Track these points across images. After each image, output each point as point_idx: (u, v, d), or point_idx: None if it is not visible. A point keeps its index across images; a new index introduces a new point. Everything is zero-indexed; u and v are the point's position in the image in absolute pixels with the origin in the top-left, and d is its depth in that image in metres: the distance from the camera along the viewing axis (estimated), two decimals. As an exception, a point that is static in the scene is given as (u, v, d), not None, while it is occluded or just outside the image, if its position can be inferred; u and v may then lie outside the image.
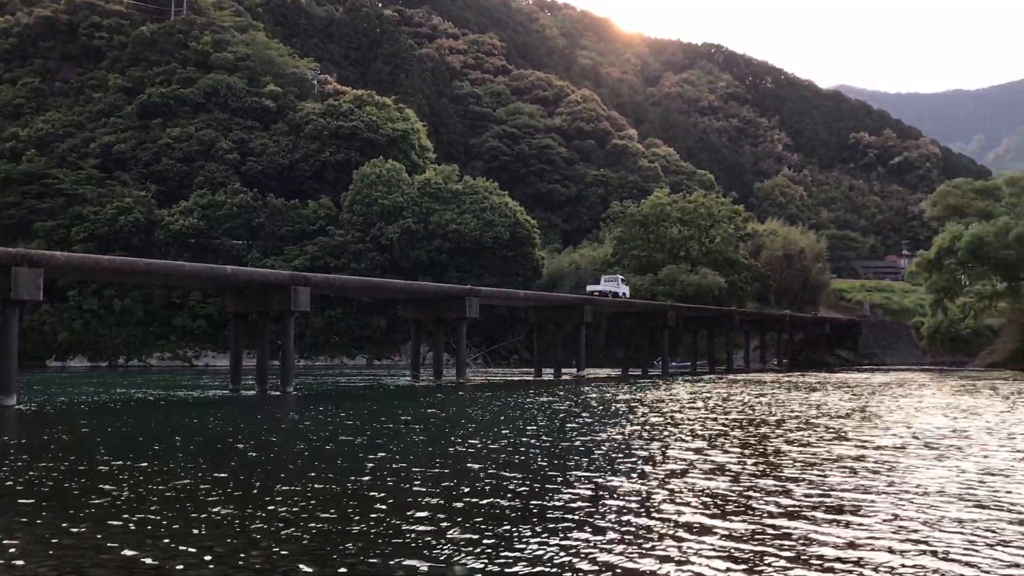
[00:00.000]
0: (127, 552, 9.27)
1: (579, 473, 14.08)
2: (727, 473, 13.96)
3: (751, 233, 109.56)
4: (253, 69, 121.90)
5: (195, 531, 10.25)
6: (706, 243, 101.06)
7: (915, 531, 9.80)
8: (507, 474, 14.24)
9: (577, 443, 18.83)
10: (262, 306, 43.42)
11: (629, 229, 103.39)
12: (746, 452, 16.82)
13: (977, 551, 8.88)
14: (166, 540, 9.81)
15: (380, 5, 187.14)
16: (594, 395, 38.51)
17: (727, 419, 24.81)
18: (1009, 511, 10.90)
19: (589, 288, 76.89)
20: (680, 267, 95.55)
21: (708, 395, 37.95)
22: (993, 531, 9.81)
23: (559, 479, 13.59)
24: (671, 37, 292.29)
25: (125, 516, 11.15)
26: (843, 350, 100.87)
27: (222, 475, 14.78)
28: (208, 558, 9.01)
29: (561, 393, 40.53)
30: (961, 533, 9.70)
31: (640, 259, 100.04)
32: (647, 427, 22.65)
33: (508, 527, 10.08)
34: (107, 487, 13.40)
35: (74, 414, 29.84)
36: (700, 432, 21.01)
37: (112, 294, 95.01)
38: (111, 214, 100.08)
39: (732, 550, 9.00)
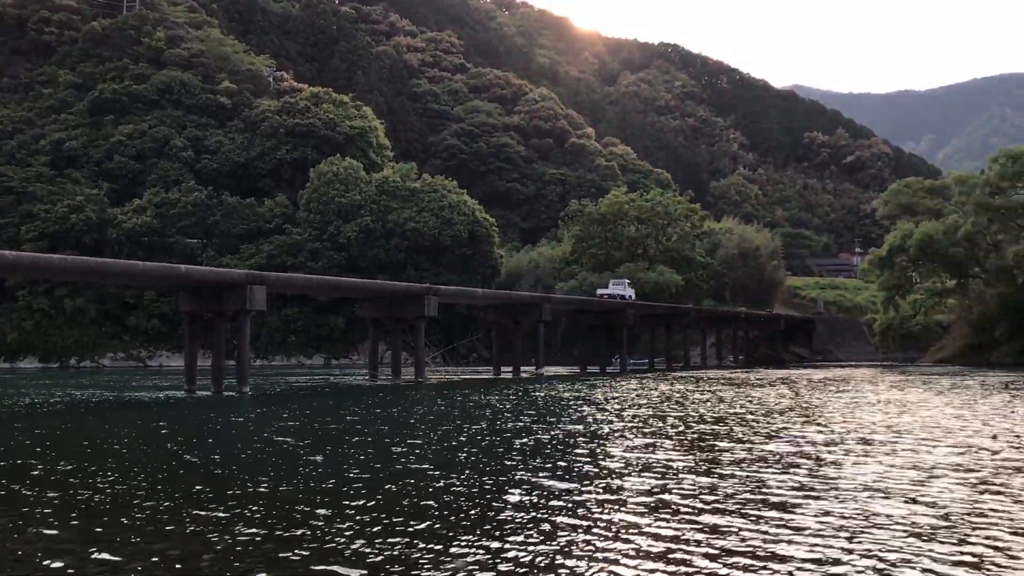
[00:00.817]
0: (39, 560, 9.02)
1: (513, 473, 14.07)
2: (659, 471, 14.02)
3: (707, 231, 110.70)
4: (208, 66, 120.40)
5: (117, 539, 9.99)
6: (663, 241, 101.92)
7: (839, 527, 9.86)
8: (439, 474, 14.23)
9: (516, 442, 18.89)
10: (217, 305, 42.94)
11: (587, 228, 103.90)
12: (681, 449, 16.95)
13: (898, 547, 8.96)
14: (82, 548, 9.52)
15: (337, 2, 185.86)
16: (542, 394, 38.65)
17: (670, 416, 25.03)
18: (930, 507, 11.08)
19: (599, 291, 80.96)
20: (637, 265, 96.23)
21: (656, 392, 38.30)
22: (912, 526, 9.93)
23: (491, 479, 13.60)
24: (628, 36, 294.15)
25: (49, 522, 10.91)
26: (797, 347, 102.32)
27: (155, 479, 14.63)
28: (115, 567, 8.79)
29: (515, 391, 40.65)
30: (883, 528, 9.78)
31: (598, 257, 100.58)
32: (588, 424, 22.79)
33: (434, 530, 10.01)
34: (33, 493, 13.14)
35: (16, 417, 29.29)
36: (639, 429, 21.18)
37: (63, 294, 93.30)
38: (62, 212, 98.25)
39: (656, 548, 9.00)
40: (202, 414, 29.89)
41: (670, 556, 8.71)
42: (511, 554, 8.93)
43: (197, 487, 13.47)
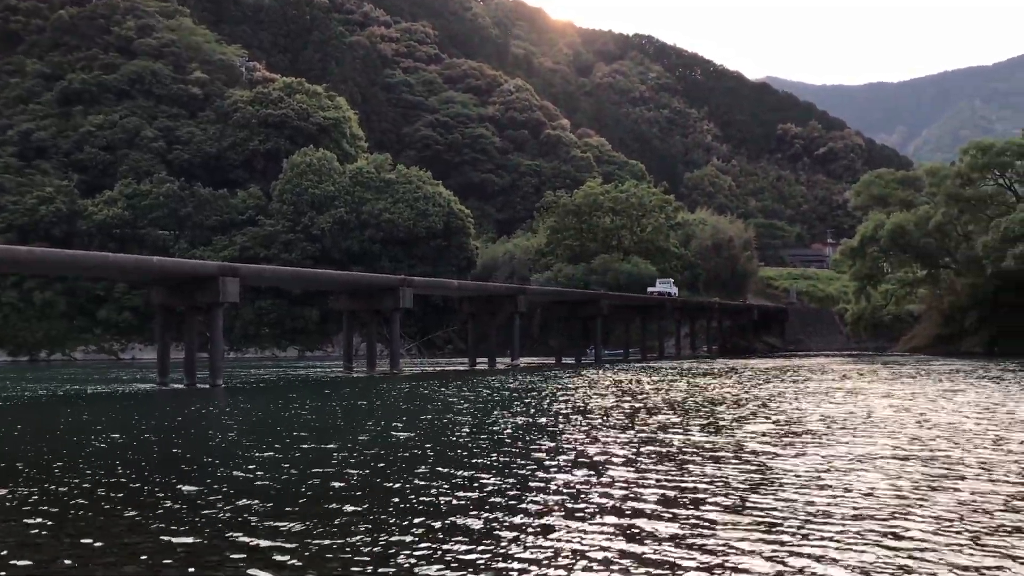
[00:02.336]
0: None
1: (459, 470, 13.94)
2: (600, 465, 13.90)
3: (681, 222, 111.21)
4: (179, 55, 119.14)
5: (67, 539, 9.84)
6: (637, 232, 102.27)
7: (768, 520, 9.80)
8: (384, 470, 14.16)
9: (467, 436, 18.82)
10: (190, 298, 42.58)
11: (562, 219, 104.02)
12: (632, 441, 16.84)
13: (831, 538, 8.90)
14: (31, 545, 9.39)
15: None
16: (513, 384, 38.66)
17: (629, 407, 25.04)
18: (866, 496, 11.05)
19: (649, 289, 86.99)
20: (612, 256, 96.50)
21: (623, 382, 38.45)
22: (839, 517, 9.89)
23: (432, 473, 13.51)
24: (603, 28, 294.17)
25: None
26: (770, 336, 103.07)
27: (110, 473, 14.50)
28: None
29: (485, 383, 40.67)
30: (813, 520, 9.69)
31: (573, 248, 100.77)
32: (547, 416, 22.77)
33: (361, 528, 9.88)
34: None
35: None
36: (597, 422, 21.16)
37: (33, 286, 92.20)
38: (31, 204, 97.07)
39: (581, 546, 8.89)
40: (172, 407, 29.63)
41: (589, 553, 8.57)
42: (428, 551, 8.77)
43: (146, 483, 13.32)
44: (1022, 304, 67.60)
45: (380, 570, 8.13)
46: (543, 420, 21.48)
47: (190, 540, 9.39)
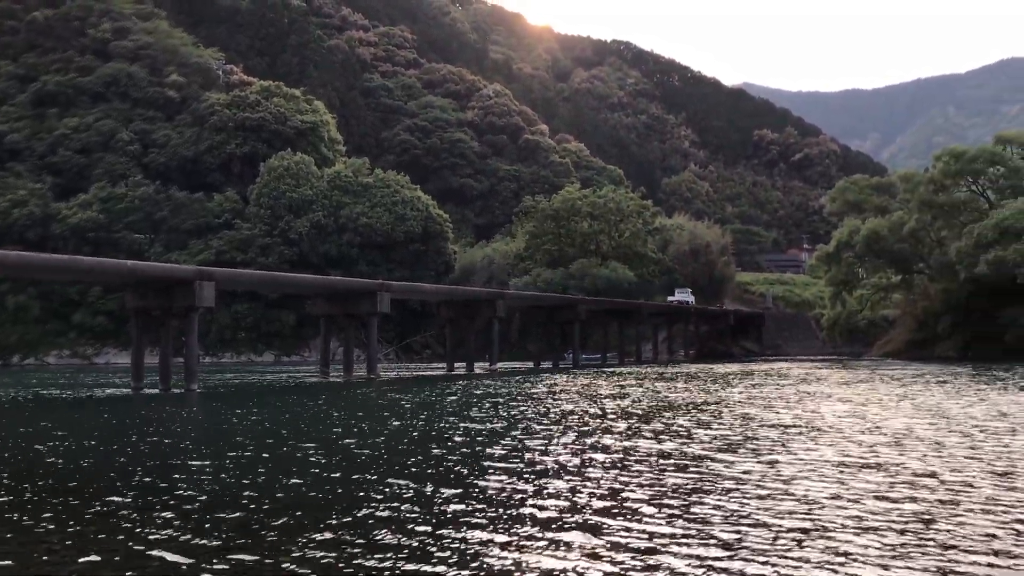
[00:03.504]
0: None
1: (401, 480, 13.89)
2: (541, 473, 13.82)
3: (659, 228, 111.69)
4: (155, 58, 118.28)
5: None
6: (616, 237, 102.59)
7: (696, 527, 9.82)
8: (337, 477, 14.12)
9: (420, 442, 18.82)
10: (165, 302, 42.24)
11: (541, 223, 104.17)
12: (583, 448, 16.79)
13: (761, 547, 8.93)
14: None
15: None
16: (480, 391, 38.63)
17: (591, 413, 25.03)
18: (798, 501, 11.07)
19: (669, 298, 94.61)
20: (590, 261, 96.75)
21: (592, 387, 38.54)
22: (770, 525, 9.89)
23: (379, 482, 13.47)
24: (581, 34, 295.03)
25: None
26: (747, 341, 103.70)
27: (73, 477, 14.37)
28: None
29: (462, 387, 40.62)
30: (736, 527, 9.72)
31: (551, 253, 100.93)
32: (506, 421, 22.69)
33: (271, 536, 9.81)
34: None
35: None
36: (555, 428, 21.14)
37: (6, 290, 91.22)
38: (4, 207, 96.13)
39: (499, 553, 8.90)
40: (146, 412, 29.36)
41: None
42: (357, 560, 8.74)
43: (106, 486, 13.22)
44: (995, 309, 68.35)
45: None
46: (500, 426, 21.32)
47: (119, 547, 9.31)
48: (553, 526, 9.84)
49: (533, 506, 11.03)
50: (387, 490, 12.34)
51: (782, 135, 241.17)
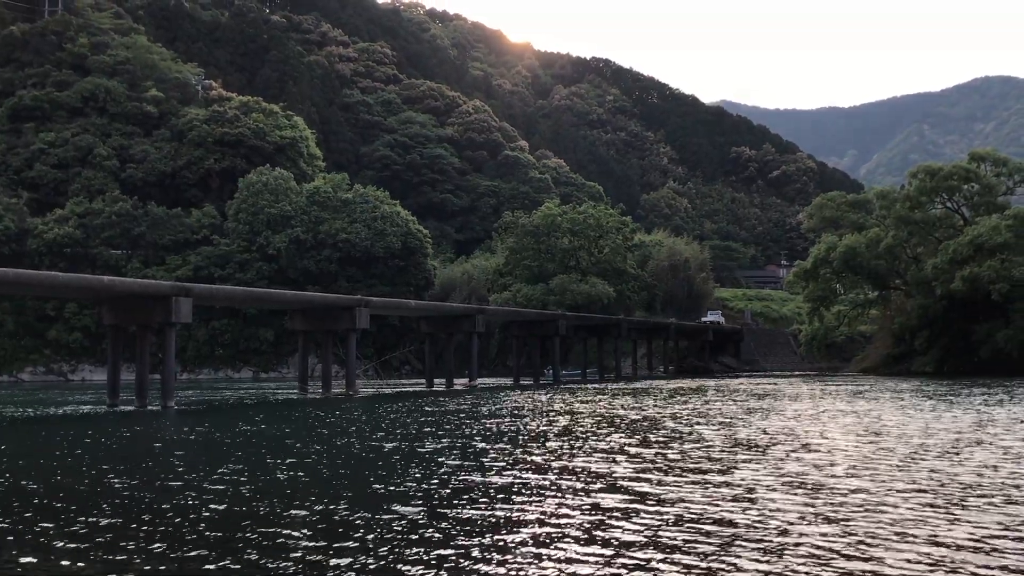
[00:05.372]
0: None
1: (373, 491, 13.91)
2: (488, 490, 13.79)
3: (638, 244, 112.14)
4: (133, 73, 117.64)
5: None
6: (595, 253, 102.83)
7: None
8: (301, 494, 14.08)
9: (388, 458, 18.77)
10: (142, 318, 41.89)
11: (521, 239, 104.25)
12: (541, 466, 16.75)
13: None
14: None
15: (267, 11, 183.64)
16: (459, 406, 38.59)
17: (549, 430, 25.03)
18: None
19: (702, 319, 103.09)
20: (570, 276, 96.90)
21: (558, 404, 38.53)
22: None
23: (343, 497, 13.43)
24: (561, 51, 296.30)
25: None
26: (726, 356, 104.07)
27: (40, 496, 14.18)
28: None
29: (438, 403, 40.50)
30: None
31: (531, 269, 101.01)
32: (474, 439, 22.68)
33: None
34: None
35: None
36: (513, 447, 21.17)
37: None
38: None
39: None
40: (120, 429, 29.02)
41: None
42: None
43: (80, 505, 13.06)
44: (970, 324, 69.09)
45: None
46: (465, 443, 21.22)
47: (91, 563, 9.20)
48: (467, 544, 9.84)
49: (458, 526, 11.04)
50: (341, 510, 12.27)
51: (760, 152, 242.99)
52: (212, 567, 9.03)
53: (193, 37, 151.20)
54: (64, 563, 9.39)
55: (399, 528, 10.67)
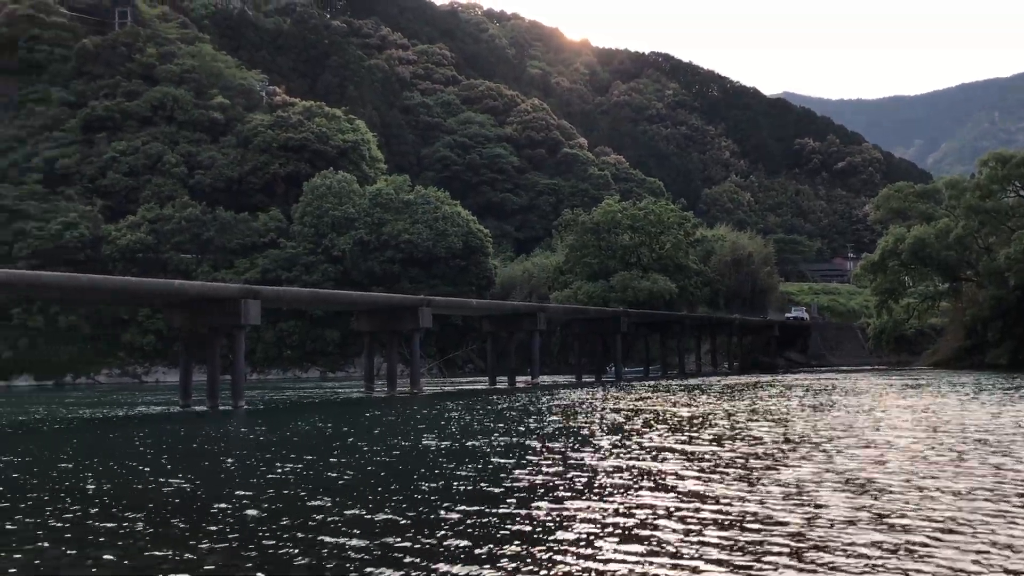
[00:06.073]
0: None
1: (442, 489, 14.15)
2: (577, 489, 13.97)
3: (700, 239, 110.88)
4: (200, 81, 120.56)
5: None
6: (656, 249, 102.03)
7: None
8: (381, 489, 14.34)
9: (449, 455, 18.99)
10: (212, 320, 43.00)
11: (581, 237, 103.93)
12: (618, 468, 16.86)
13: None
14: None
15: (328, 16, 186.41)
16: (523, 403, 38.77)
17: (602, 427, 25.01)
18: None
19: (786, 315, 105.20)
20: (631, 273, 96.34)
21: (615, 401, 38.44)
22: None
23: (406, 503, 13.67)
24: (619, 47, 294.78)
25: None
26: (793, 352, 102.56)
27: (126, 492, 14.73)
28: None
29: (503, 401, 40.77)
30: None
31: (592, 266, 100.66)
32: (540, 436, 22.84)
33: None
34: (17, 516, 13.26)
35: (13, 437, 29.37)
36: (594, 442, 21.28)
37: (58, 311, 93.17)
38: (55, 230, 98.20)
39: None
40: (190, 429, 29.94)
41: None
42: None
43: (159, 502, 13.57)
44: (1046, 316, 67.01)
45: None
46: (519, 441, 21.36)
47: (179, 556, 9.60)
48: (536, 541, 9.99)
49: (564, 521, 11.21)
50: (412, 504, 12.55)
51: (824, 144, 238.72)
52: (251, 566, 9.30)
53: (256, 45, 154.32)
54: (107, 558, 9.81)
55: (446, 527, 10.87)
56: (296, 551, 9.77)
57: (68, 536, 10.96)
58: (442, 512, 11.82)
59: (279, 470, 16.74)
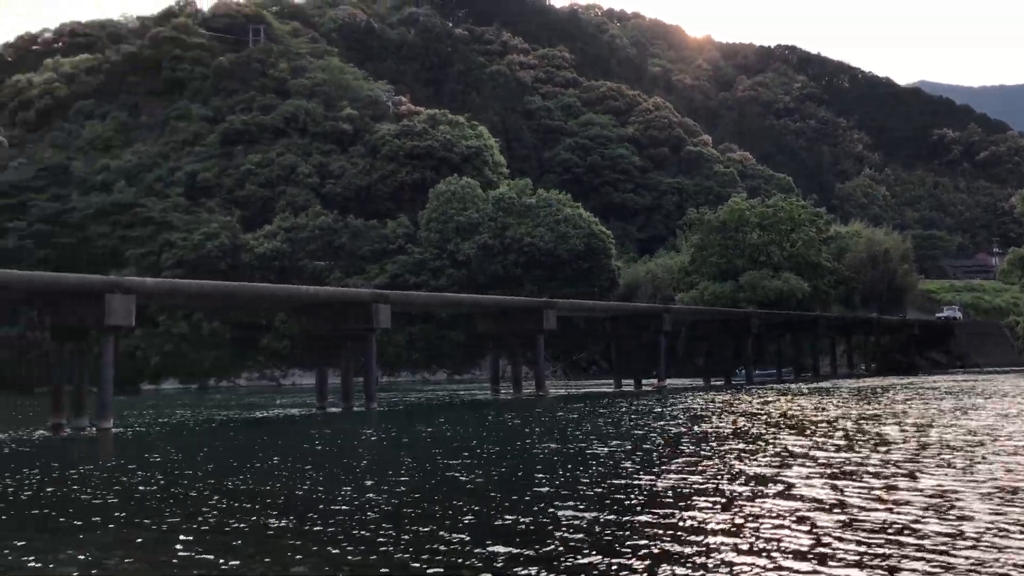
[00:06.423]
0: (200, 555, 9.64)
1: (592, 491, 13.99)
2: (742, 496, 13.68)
3: (833, 235, 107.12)
4: (329, 94, 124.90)
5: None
6: (787, 247, 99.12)
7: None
8: (514, 488, 14.30)
9: (604, 459, 18.75)
10: (345, 324, 44.32)
11: (707, 236, 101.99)
12: (755, 476, 16.36)
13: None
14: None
15: (451, 25, 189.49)
16: (658, 408, 38.21)
17: (727, 431, 24.25)
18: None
19: (937, 315, 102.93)
20: (761, 272, 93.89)
21: (742, 404, 37.30)
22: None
23: (568, 492, 13.58)
24: (743, 41, 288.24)
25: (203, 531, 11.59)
26: (934, 352, 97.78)
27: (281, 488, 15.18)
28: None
29: (633, 404, 40.36)
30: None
31: (719, 266, 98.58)
32: (647, 440, 22.39)
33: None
34: (197, 508, 13.92)
35: (164, 436, 30.98)
36: (754, 450, 20.69)
37: (200, 318, 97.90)
38: (198, 240, 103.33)
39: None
40: (333, 429, 30.91)
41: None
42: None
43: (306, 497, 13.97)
44: None
45: None
46: (641, 445, 21.06)
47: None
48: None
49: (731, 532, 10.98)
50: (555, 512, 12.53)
51: (964, 133, 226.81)
52: (358, 561, 9.46)
53: (382, 56, 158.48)
54: (245, 555, 10.17)
55: (566, 531, 10.81)
56: (417, 552, 9.91)
57: (208, 535, 11.46)
58: (562, 515, 11.78)
59: (407, 471, 17.06)
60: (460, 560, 9.53)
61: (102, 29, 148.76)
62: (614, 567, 9.01)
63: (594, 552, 9.66)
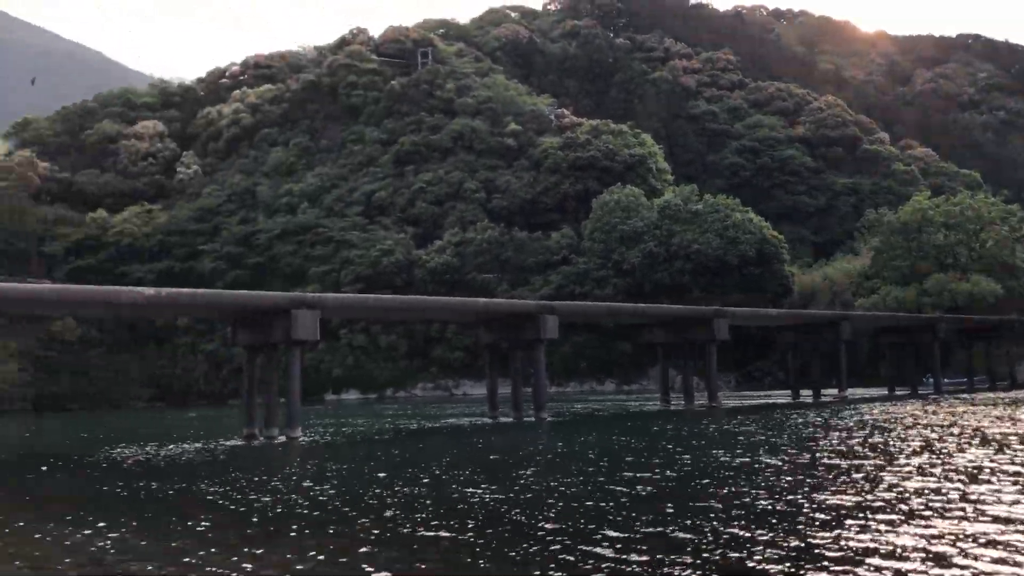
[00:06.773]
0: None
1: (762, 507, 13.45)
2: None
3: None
4: (494, 111, 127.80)
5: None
6: (976, 248, 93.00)
7: None
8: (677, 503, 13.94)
9: (781, 480, 18.02)
10: (513, 335, 45.10)
11: (887, 238, 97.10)
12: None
13: None
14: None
15: (612, 35, 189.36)
16: (845, 422, 36.57)
17: (907, 446, 22.67)
18: None
19: None
20: (948, 275, 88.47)
21: (927, 416, 34.93)
22: None
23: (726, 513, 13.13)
24: (919, 32, 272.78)
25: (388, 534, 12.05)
26: None
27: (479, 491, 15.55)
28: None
29: (816, 418, 38.85)
30: None
31: (901, 269, 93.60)
32: (821, 453, 21.24)
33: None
34: (382, 512, 14.51)
35: (348, 444, 32.45)
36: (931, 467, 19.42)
37: (378, 331, 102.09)
38: (375, 256, 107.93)
39: None
40: (500, 440, 31.47)
41: None
42: None
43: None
44: None
45: None
46: (814, 459, 20.10)
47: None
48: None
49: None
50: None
51: None
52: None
53: (544, 70, 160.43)
54: (420, 566, 10.48)
55: (735, 547, 10.55)
56: (577, 563, 9.96)
57: (377, 544, 11.92)
58: (733, 531, 11.54)
59: (574, 482, 17.15)
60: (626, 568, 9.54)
61: (282, 60, 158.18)
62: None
63: (760, 570, 9.42)
